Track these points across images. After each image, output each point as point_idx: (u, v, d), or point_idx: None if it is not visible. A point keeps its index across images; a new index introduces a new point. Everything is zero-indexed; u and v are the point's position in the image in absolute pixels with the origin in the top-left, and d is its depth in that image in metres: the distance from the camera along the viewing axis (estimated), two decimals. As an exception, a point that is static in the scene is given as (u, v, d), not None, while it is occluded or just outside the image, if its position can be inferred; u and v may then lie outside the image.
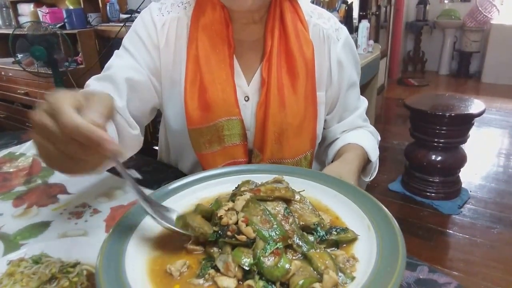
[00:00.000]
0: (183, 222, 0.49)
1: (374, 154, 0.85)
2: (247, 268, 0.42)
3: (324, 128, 0.92)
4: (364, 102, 0.94)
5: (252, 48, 0.81)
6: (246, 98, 0.81)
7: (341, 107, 0.88)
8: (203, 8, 0.77)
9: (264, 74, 0.77)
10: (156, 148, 1.04)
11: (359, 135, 0.88)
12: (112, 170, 0.89)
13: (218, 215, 0.47)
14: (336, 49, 0.83)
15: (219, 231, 0.46)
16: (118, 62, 0.78)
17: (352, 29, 2.84)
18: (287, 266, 0.41)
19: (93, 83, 0.74)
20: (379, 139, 0.96)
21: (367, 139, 0.87)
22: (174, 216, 0.51)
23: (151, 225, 0.52)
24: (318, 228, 0.49)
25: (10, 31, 2.54)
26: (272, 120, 0.77)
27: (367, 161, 0.85)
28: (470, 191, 2.47)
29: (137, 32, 0.78)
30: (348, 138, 0.87)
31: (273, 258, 0.42)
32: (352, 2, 2.93)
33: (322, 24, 0.83)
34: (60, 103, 0.39)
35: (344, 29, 0.86)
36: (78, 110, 0.40)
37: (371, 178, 0.89)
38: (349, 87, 0.87)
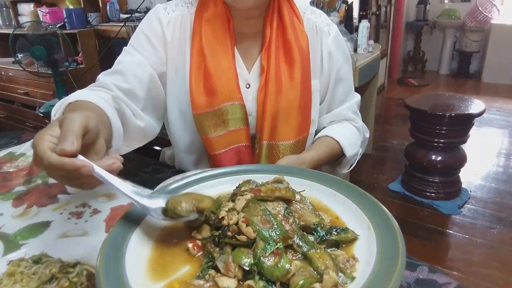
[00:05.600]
0: (172, 208, 0.49)
1: (350, 149, 0.90)
2: (247, 268, 0.42)
3: None
4: (355, 97, 1.00)
5: (251, 40, 0.87)
6: (248, 86, 0.87)
7: (329, 99, 0.94)
8: (206, 4, 0.84)
9: (263, 62, 0.83)
10: (157, 148, 1.05)
11: (339, 130, 0.93)
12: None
13: (220, 216, 0.47)
14: (327, 41, 0.90)
15: (220, 230, 0.46)
16: (127, 57, 0.84)
17: (352, 29, 2.83)
18: (287, 266, 0.41)
19: (102, 78, 0.81)
20: (366, 136, 1.01)
21: (347, 134, 0.92)
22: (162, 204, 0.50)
23: (151, 224, 0.52)
24: (318, 228, 0.49)
25: (10, 31, 2.53)
26: (270, 103, 0.83)
27: (341, 155, 0.91)
28: (470, 191, 2.47)
29: (144, 31, 0.85)
30: (328, 131, 0.92)
31: (273, 258, 0.42)
32: (352, 2, 2.92)
33: (315, 19, 0.91)
34: (37, 147, 0.43)
35: (334, 25, 0.93)
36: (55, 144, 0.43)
37: (349, 169, 0.95)
38: (338, 81, 0.93)
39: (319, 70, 0.91)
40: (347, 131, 0.93)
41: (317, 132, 0.96)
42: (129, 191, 0.48)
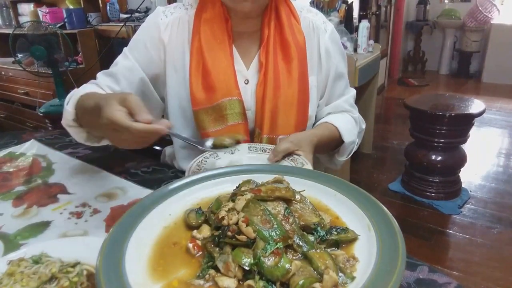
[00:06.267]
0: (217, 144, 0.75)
1: (348, 136, 0.93)
2: (247, 268, 0.42)
3: None
4: (351, 91, 1.04)
5: (249, 38, 0.91)
6: (246, 81, 0.90)
7: (328, 94, 0.99)
8: (205, 6, 0.88)
9: (262, 59, 0.87)
10: (157, 148, 1.05)
11: (338, 118, 0.96)
12: (112, 170, 0.90)
13: (220, 216, 0.47)
14: (324, 38, 0.94)
15: (220, 230, 0.46)
16: (122, 60, 0.90)
17: (352, 29, 2.83)
18: (287, 266, 0.41)
19: (100, 77, 0.88)
20: (363, 127, 1.05)
21: (345, 122, 0.95)
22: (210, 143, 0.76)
23: (151, 225, 0.52)
24: (319, 228, 0.49)
25: (10, 31, 2.53)
26: (268, 98, 0.86)
27: (339, 141, 0.93)
28: (470, 191, 2.47)
29: (141, 36, 0.91)
30: (326, 118, 0.96)
31: (273, 258, 0.42)
32: (352, 2, 2.92)
33: (312, 17, 0.95)
34: (121, 122, 0.56)
35: (330, 24, 0.98)
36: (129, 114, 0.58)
37: (347, 158, 0.98)
38: (336, 77, 0.97)
39: (316, 67, 0.94)
40: (345, 119, 0.97)
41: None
42: (190, 139, 0.73)
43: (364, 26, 2.60)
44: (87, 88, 0.81)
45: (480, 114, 2.24)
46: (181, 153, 0.97)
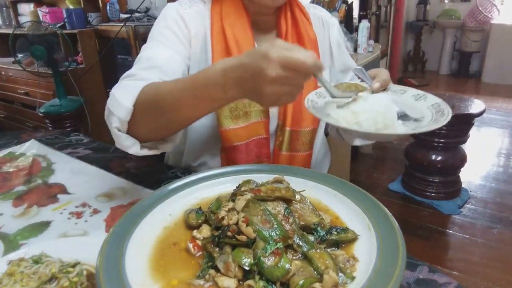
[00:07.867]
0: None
1: None
2: (247, 268, 0.42)
3: None
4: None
5: (267, 34, 0.93)
6: None
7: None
8: (224, 1, 0.87)
9: None
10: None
11: None
12: (112, 170, 0.90)
13: (220, 216, 0.47)
14: (334, 32, 1.00)
15: (220, 230, 0.47)
16: (157, 52, 0.81)
17: (352, 29, 2.83)
18: (287, 266, 0.41)
19: (141, 73, 0.76)
20: None
21: None
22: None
23: (151, 225, 0.52)
24: (318, 228, 0.49)
25: (10, 31, 2.53)
26: None
27: None
28: (470, 191, 2.47)
29: (168, 26, 0.85)
30: None
31: (273, 258, 0.42)
32: (352, 2, 2.92)
33: (319, 13, 1.01)
34: (291, 54, 0.50)
35: (334, 18, 1.03)
36: None
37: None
38: (346, 70, 1.03)
39: (329, 60, 0.99)
40: None
41: None
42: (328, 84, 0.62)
43: (364, 26, 2.60)
44: (137, 84, 0.69)
45: (480, 114, 2.24)
46: (195, 152, 0.94)
